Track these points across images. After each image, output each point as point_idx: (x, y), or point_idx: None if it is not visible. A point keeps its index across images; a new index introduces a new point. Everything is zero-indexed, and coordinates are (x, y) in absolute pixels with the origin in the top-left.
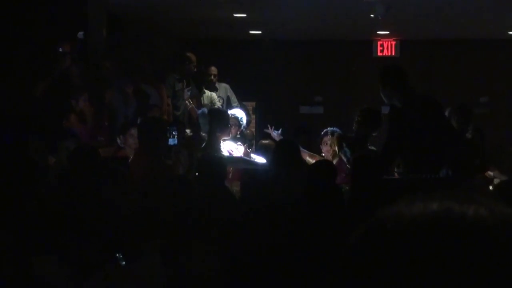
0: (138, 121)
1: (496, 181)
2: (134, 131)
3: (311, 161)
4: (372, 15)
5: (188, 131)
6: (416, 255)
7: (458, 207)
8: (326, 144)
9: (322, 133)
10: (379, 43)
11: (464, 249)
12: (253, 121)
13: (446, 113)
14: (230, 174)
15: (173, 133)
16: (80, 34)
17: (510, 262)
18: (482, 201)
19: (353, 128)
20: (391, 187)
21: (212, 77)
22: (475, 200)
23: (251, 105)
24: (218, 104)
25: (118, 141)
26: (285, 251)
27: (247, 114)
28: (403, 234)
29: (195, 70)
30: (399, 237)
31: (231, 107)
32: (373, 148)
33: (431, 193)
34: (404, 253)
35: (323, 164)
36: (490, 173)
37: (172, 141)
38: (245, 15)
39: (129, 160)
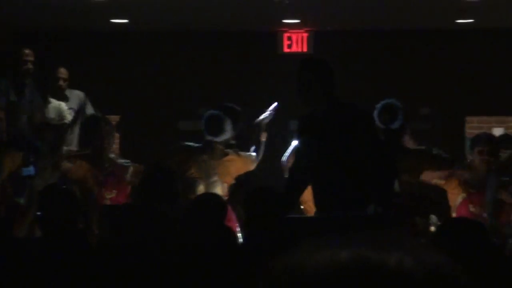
0: None
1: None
2: None
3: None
4: None
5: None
6: None
7: (375, 255)
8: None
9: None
10: (285, 35)
11: None
12: (116, 140)
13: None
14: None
15: (30, 160)
16: None
17: None
18: (408, 247)
19: None
20: (298, 229)
21: (61, 81)
22: (399, 246)
23: (113, 119)
24: (69, 117)
25: None
26: None
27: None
28: None
29: (32, 69)
30: None
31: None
32: None
33: (340, 237)
34: None
35: (210, 197)
36: (433, 216)
37: (27, 172)
38: None
39: None
